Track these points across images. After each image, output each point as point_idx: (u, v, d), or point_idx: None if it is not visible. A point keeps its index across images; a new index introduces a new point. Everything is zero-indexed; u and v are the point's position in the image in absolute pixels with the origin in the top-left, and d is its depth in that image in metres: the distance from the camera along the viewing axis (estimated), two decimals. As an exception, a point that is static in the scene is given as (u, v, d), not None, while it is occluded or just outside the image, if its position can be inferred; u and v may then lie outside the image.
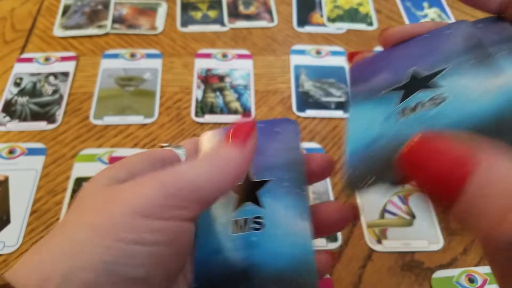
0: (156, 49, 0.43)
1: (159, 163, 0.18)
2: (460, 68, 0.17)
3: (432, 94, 0.16)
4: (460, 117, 0.15)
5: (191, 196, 0.15)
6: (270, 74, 0.42)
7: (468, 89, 0.16)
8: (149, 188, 0.15)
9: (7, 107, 0.38)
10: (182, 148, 0.19)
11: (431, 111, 0.16)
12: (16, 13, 0.46)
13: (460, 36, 0.18)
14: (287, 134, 0.20)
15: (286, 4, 0.48)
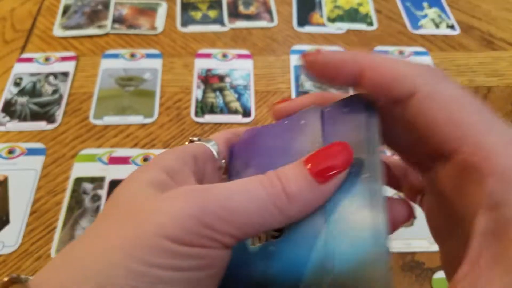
0: (156, 49, 0.43)
1: (192, 161, 0.16)
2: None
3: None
4: (290, 262, 0.13)
5: (232, 231, 0.13)
6: (270, 74, 0.42)
7: (305, 229, 0.13)
8: (181, 207, 0.13)
9: (7, 107, 0.38)
10: (212, 141, 0.17)
11: (270, 246, 0.14)
12: (16, 13, 0.46)
13: (308, 134, 0.15)
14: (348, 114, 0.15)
15: (286, 4, 0.48)
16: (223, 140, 0.18)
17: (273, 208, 0.13)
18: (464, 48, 0.45)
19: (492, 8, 0.49)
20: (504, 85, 0.42)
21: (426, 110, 0.12)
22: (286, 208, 0.13)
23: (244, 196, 0.13)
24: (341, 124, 0.15)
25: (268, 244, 0.14)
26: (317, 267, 0.13)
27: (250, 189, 0.13)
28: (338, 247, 0.13)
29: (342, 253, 0.13)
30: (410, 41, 0.45)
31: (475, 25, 0.47)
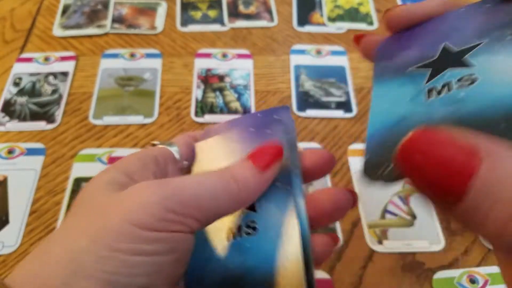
0: (156, 49, 0.43)
1: (152, 162, 0.17)
2: (495, 45, 0.14)
3: (462, 74, 0.14)
4: (490, 101, 0.13)
5: (193, 213, 0.15)
6: (270, 74, 0.41)
7: (502, 70, 0.14)
8: (148, 198, 0.14)
9: (7, 107, 0.38)
10: (174, 146, 0.19)
11: (460, 93, 0.14)
12: (15, 13, 0.46)
13: (494, 11, 0.16)
14: (277, 126, 0.19)
15: (286, 4, 0.48)
16: (184, 143, 0.19)
17: (225, 193, 0.15)
18: (465, 48, 0.45)
19: (493, 7, 0.49)
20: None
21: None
22: (237, 193, 0.15)
23: (199, 183, 0.15)
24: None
25: (244, 240, 0.16)
26: (291, 262, 0.15)
27: (204, 178, 0.15)
28: (270, 251, 0.16)
29: (271, 256, 0.16)
30: (411, 41, 0.45)
31: (475, 25, 0.47)
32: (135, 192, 0.15)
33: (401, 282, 0.29)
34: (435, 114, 0.14)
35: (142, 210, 0.14)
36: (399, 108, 0.15)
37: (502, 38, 0.15)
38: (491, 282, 0.29)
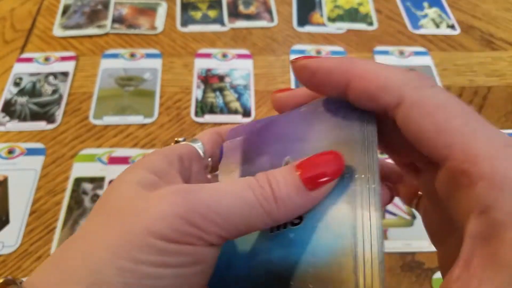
0: (156, 49, 0.43)
1: (178, 160, 0.16)
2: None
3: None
4: (310, 248, 0.13)
5: (217, 230, 0.13)
6: (270, 74, 0.42)
7: (325, 211, 0.13)
8: (173, 210, 0.13)
9: (7, 107, 0.38)
10: (198, 142, 0.18)
11: (290, 234, 0.14)
12: (16, 13, 0.46)
13: (329, 121, 0.15)
14: (337, 112, 0.15)
15: (286, 4, 0.48)
16: (208, 140, 0.18)
17: (261, 211, 0.13)
18: (464, 48, 0.45)
19: (493, 8, 0.49)
20: (504, 85, 0.42)
21: (413, 119, 0.12)
22: (274, 212, 0.13)
23: (232, 198, 0.13)
24: (342, 121, 0.15)
25: (287, 231, 0.14)
26: (342, 254, 0.13)
27: (238, 191, 0.13)
28: (316, 242, 0.14)
29: (317, 248, 0.13)
30: (410, 41, 0.45)
31: (475, 25, 0.47)
32: (161, 200, 0.14)
33: (401, 282, 0.29)
34: (274, 254, 0.14)
35: (165, 222, 0.13)
36: (246, 238, 0.14)
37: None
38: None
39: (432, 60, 0.44)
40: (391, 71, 0.13)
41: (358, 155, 0.14)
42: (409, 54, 0.44)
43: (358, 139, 0.14)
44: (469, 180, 0.11)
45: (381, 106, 0.13)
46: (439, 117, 0.12)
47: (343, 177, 0.14)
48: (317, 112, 0.16)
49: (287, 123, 0.17)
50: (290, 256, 0.14)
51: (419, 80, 0.13)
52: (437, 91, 0.13)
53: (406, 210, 0.33)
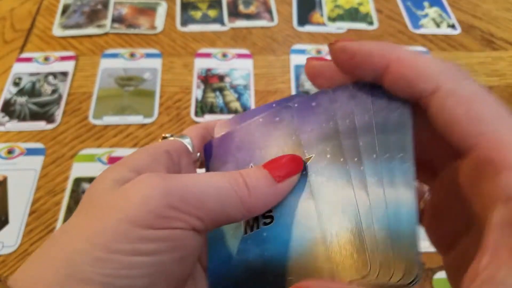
0: (156, 48, 0.43)
1: (164, 156, 0.16)
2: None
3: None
4: (284, 243, 0.14)
5: (195, 212, 0.14)
6: (270, 74, 0.41)
7: (293, 208, 0.15)
8: (150, 192, 0.13)
9: (6, 107, 0.38)
10: (187, 137, 0.18)
11: (263, 233, 0.15)
12: (15, 12, 0.46)
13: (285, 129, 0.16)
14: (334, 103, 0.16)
15: (286, 4, 0.48)
16: (196, 135, 0.19)
17: (235, 198, 0.14)
18: (465, 48, 0.45)
19: (493, 7, 0.49)
20: (504, 84, 0.42)
21: (448, 106, 0.13)
22: (247, 200, 0.14)
23: (208, 183, 0.14)
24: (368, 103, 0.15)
25: (261, 231, 0.15)
26: (313, 244, 0.14)
27: (214, 179, 0.15)
28: (288, 237, 0.15)
29: (290, 242, 0.15)
30: (411, 41, 0.45)
31: (475, 25, 0.47)
32: (136, 186, 0.14)
33: (401, 282, 0.29)
34: (250, 254, 0.15)
35: (141, 206, 0.13)
36: (227, 241, 0.16)
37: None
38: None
39: (432, 60, 0.44)
40: (430, 59, 0.14)
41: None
42: (409, 54, 0.44)
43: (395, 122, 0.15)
44: (496, 168, 0.11)
45: (417, 92, 0.14)
46: (472, 106, 0.12)
47: (302, 175, 0.15)
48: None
49: (253, 130, 0.17)
50: (265, 253, 0.15)
51: (456, 70, 0.14)
52: (472, 82, 0.13)
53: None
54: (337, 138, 0.15)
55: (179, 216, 0.14)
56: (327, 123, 0.15)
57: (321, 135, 0.15)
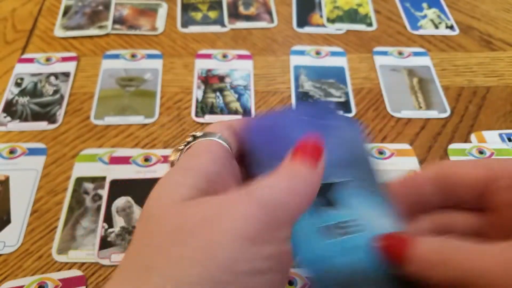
0: (157, 49, 0.43)
1: (220, 160, 0.16)
2: (355, 187, 0.17)
3: (344, 217, 0.17)
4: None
5: (285, 216, 0.14)
6: (270, 75, 0.42)
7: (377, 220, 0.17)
8: (248, 208, 0.13)
9: (8, 107, 0.38)
10: (224, 138, 0.17)
11: (359, 239, 0.16)
12: (17, 13, 0.46)
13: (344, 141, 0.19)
14: (343, 128, 0.19)
15: (286, 5, 0.48)
16: (229, 135, 0.18)
17: (302, 195, 0.15)
18: (463, 49, 0.45)
19: (491, 8, 0.50)
20: (503, 85, 0.42)
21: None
22: (308, 192, 0.15)
23: (284, 190, 0.15)
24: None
25: (347, 240, 0.16)
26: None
27: (285, 182, 0.15)
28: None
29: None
30: (409, 42, 0.46)
31: (474, 26, 0.48)
32: (228, 202, 0.13)
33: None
34: (344, 259, 0.16)
35: (247, 221, 0.13)
36: (312, 242, 0.16)
37: (358, 181, 0.17)
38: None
39: (431, 60, 0.44)
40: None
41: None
42: (408, 55, 0.44)
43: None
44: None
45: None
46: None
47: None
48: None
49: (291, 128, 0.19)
50: (359, 262, 0.16)
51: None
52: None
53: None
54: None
55: (277, 225, 0.14)
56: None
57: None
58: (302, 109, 0.20)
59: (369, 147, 0.19)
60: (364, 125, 0.20)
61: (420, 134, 0.38)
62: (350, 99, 0.40)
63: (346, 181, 0.17)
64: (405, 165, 0.35)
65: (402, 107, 0.40)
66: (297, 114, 0.19)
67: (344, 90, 0.41)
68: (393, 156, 0.36)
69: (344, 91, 0.41)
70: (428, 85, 0.42)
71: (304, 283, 0.28)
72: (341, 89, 0.41)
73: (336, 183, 0.17)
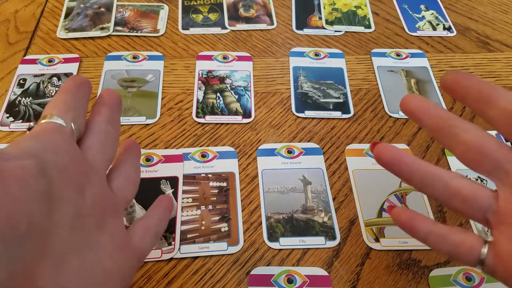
0: (158, 51, 0.43)
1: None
2: None
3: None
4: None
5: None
6: (270, 76, 0.42)
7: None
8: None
9: (11, 107, 0.38)
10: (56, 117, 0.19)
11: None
12: (19, 15, 0.47)
13: None
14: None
15: (286, 7, 0.49)
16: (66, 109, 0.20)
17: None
18: (461, 50, 0.46)
19: (489, 10, 0.50)
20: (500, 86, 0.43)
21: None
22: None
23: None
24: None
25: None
26: None
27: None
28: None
29: None
30: (407, 43, 0.46)
31: (471, 27, 0.48)
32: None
33: (398, 279, 0.30)
34: None
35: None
36: None
37: None
38: (487, 280, 0.29)
39: (428, 61, 0.44)
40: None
41: None
42: (406, 56, 0.45)
43: None
44: None
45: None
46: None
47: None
48: None
49: None
50: None
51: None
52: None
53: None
54: None
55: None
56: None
57: None
58: None
59: None
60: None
61: (417, 134, 0.38)
62: (349, 100, 0.41)
63: None
64: (402, 165, 0.36)
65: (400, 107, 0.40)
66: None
67: (343, 91, 0.41)
68: (391, 156, 0.36)
69: (342, 92, 0.41)
70: (426, 86, 0.42)
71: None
72: (340, 90, 0.41)
73: None
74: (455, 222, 0.33)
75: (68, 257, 0.15)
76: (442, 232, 0.20)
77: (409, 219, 0.21)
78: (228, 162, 0.35)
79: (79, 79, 0.22)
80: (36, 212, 0.14)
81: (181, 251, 0.30)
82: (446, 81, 0.22)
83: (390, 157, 0.21)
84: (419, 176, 0.21)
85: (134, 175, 0.22)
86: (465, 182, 0.20)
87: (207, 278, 0.29)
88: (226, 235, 0.31)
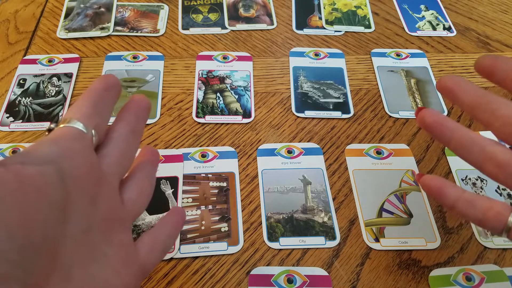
0: (158, 51, 0.43)
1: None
2: None
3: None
4: None
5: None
6: (270, 76, 0.42)
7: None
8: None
9: (11, 107, 0.38)
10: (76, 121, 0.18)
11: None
12: (19, 15, 0.47)
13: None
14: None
15: (286, 7, 0.49)
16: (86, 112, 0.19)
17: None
18: (461, 50, 0.46)
19: (489, 10, 0.50)
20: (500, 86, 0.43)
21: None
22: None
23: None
24: None
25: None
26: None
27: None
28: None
29: None
30: (407, 43, 0.46)
31: (471, 27, 0.48)
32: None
33: (398, 279, 0.30)
34: None
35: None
36: None
37: None
38: (487, 280, 0.29)
39: (428, 61, 0.44)
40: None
41: None
42: (405, 56, 0.45)
43: None
44: None
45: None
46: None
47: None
48: None
49: None
50: None
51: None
52: None
53: (402, 209, 0.33)
54: None
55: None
56: None
57: None
58: None
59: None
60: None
61: (417, 134, 0.38)
62: (349, 100, 0.41)
63: None
64: (403, 165, 0.36)
65: (399, 107, 0.40)
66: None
67: (343, 91, 0.41)
68: (391, 156, 0.36)
69: (342, 92, 0.41)
70: (426, 86, 0.42)
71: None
72: (340, 90, 0.41)
73: None
74: (455, 222, 0.33)
75: (74, 270, 0.15)
76: (470, 198, 0.21)
77: (438, 185, 0.22)
78: (228, 162, 0.35)
79: (110, 81, 0.20)
80: (51, 223, 0.14)
81: (181, 251, 0.30)
82: (482, 64, 0.23)
83: (433, 120, 0.23)
84: (458, 139, 0.22)
85: (147, 188, 0.21)
86: (501, 148, 0.21)
87: (207, 278, 0.29)
88: (226, 235, 0.31)
